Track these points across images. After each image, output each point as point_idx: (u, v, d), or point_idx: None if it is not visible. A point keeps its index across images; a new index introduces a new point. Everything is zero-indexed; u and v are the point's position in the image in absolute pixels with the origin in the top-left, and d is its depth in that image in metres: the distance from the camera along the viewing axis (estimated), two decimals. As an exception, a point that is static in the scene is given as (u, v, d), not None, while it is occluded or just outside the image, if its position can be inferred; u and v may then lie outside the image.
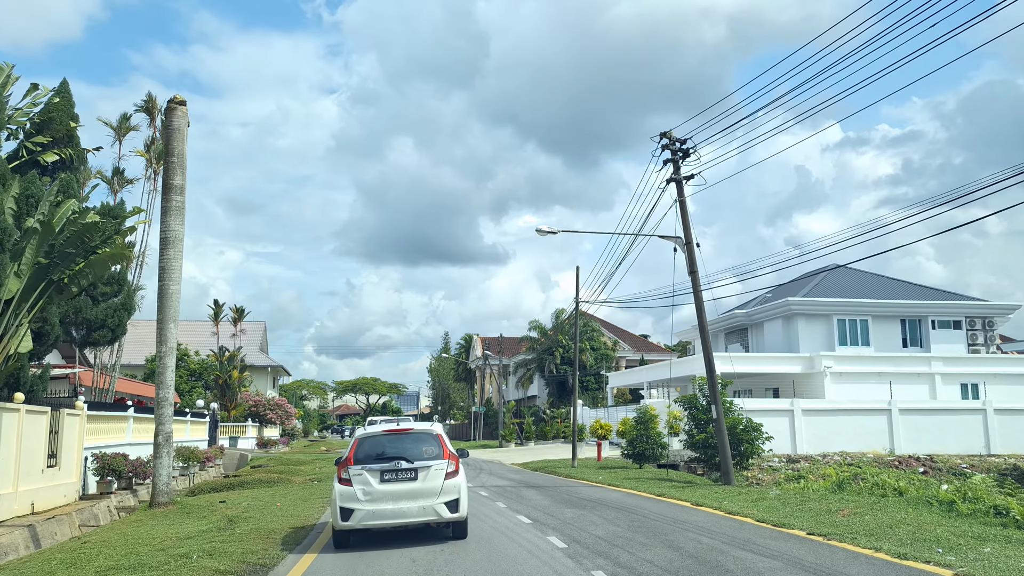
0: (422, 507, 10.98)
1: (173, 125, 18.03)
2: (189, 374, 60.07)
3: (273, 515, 15.55)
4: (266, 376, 68.06)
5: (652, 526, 12.11)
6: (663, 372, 41.36)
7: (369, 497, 10.91)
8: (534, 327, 66.40)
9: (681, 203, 19.53)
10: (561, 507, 15.16)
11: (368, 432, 11.99)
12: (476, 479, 23.52)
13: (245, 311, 56.99)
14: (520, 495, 17.94)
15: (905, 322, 41.23)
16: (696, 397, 22.20)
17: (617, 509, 14.48)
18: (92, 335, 23.21)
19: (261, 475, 26.03)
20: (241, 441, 51.97)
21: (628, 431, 31.21)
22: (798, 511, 13.11)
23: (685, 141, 19.43)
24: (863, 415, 33.01)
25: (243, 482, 24.07)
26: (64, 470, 18.01)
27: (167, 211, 17.69)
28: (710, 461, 21.31)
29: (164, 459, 17.37)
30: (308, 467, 31.50)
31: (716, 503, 14.71)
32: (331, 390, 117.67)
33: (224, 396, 54.06)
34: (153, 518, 16.38)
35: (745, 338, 44.53)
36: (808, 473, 28.71)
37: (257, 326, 72.68)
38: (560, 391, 63.55)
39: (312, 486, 23.08)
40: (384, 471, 11.04)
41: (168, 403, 17.52)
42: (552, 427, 51.79)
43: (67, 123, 23.23)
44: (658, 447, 26.07)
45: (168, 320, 17.58)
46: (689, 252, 19.57)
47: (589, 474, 23.70)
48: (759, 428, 21.21)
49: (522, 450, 42.40)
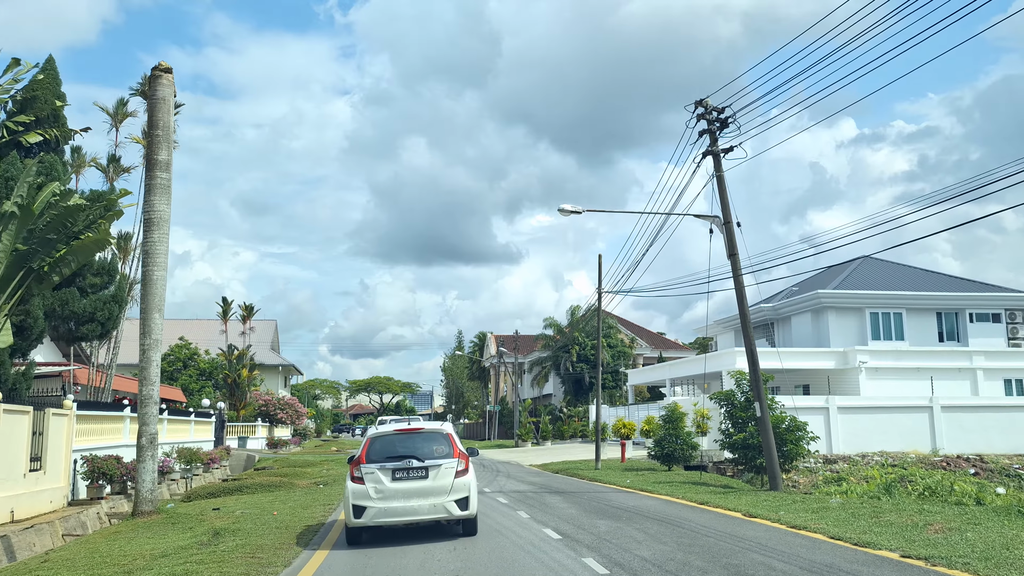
0: (433, 505, 11.04)
1: (158, 95, 16.14)
2: (199, 373, 58.45)
3: (266, 526, 13.62)
4: (277, 375, 66.37)
5: (706, 544, 10.06)
6: (686, 369, 39.24)
7: (381, 495, 10.98)
8: (549, 324, 64.37)
9: (719, 178, 17.46)
10: (593, 518, 13.13)
11: (380, 431, 12.09)
12: (493, 483, 21.51)
13: (255, 309, 55.26)
14: (544, 503, 15.91)
15: (941, 315, 38.87)
16: (733, 393, 20.11)
17: (659, 521, 12.43)
18: (80, 329, 21.40)
19: (264, 478, 24.15)
20: (251, 441, 50.24)
21: (654, 431, 29.13)
22: (876, 525, 11.01)
23: (723, 110, 17.37)
24: (903, 413, 30.79)
25: (243, 486, 22.18)
26: (50, 474, 16.40)
27: (151, 189, 15.81)
28: (750, 463, 19.22)
29: (148, 463, 15.49)
30: (315, 469, 29.60)
31: (771, 514, 12.63)
32: (344, 389, 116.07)
33: (233, 396, 52.32)
34: (134, 529, 14.50)
35: (770, 333, 42.29)
36: (848, 475, 26.53)
37: (268, 325, 71.02)
38: (576, 389, 61.52)
39: (315, 491, 21.16)
40: (396, 469, 11.11)
41: (152, 401, 15.64)
42: (569, 426, 49.73)
43: (52, 102, 21.43)
44: (688, 448, 24.00)
45: (152, 309, 15.69)
46: (728, 233, 17.49)
47: (615, 477, 21.66)
48: (804, 427, 19.10)
49: (539, 450, 40.35)
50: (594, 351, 63.13)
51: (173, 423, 30.75)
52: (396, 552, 10.57)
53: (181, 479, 27.50)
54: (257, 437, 51.23)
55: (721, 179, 17.38)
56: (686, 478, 21.68)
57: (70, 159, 29.11)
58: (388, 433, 12.00)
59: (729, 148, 17.37)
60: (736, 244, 17.44)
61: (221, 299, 54.06)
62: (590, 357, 61.88)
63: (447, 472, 11.18)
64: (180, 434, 31.91)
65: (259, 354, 64.14)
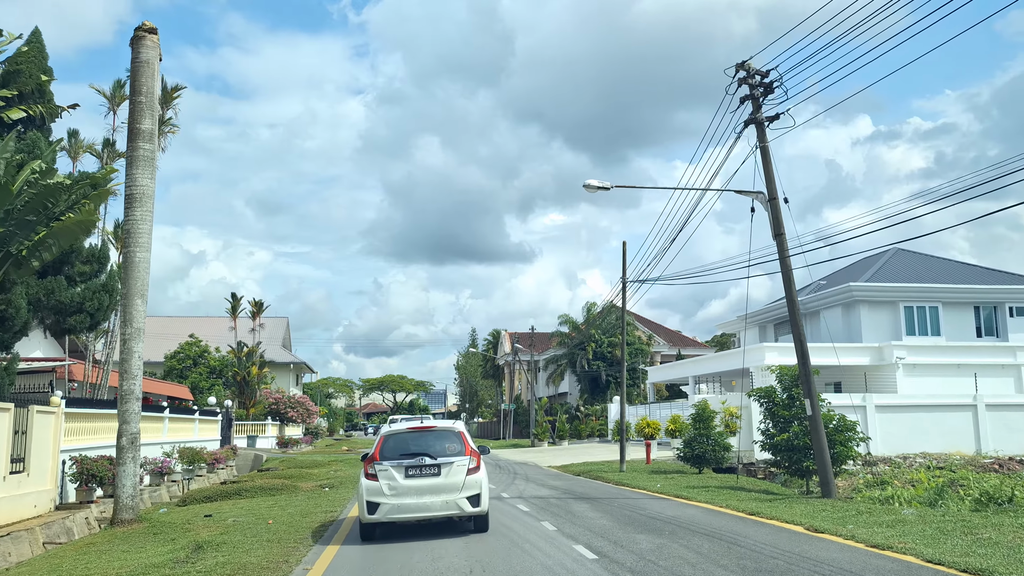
0: (445, 501, 11.07)
1: (141, 58, 14.44)
2: (209, 371, 57.00)
3: (256, 539, 11.86)
4: (289, 373, 64.83)
5: (776, 570, 8.18)
6: (711, 365, 37.26)
7: (394, 492, 11.03)
8: (564, 321, 62.52)
9: (763, 149, 15.54)
10: (630, 531, 11.27)
11: (393, 429, 12.11)
12: (511, 487, 19.68)
13: (264, 305, 53.61)
14: (570, 512, 14.05)
15: (979, 309, 36.67)
16: (774, 390, 18.17)
17: (708, 536, 10.55)
18: (68, 320, 19.71)
19: (266, 480, 22.44)
20: (260, 440, 48.71)
21: (680, 430, 27.22)
22: (977, 545, 9.09)
23: (767, 73, 15.44)
24: (945, 411, 28.71)
25: (242, 489, 20.47)
26: (34, 476, 14.95)
27: (133, 161, 14.10)
28: (795, 467, 17.26)
29: (129, 466, 13.78)
30: (322, 470, 27.89)
31: (838, 528, 10.72)
32: (358, 388, 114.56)
33: (243, 394, 50.82)
34: (109, 541, 12.78)
35: (798, 328, 40.21)
36: (891, 478, 24.50)
37: (279, 322, 69.52)
38: (593, 387, 59.66)
39: (320, 495, 19.41)
40: (409, 467, 11.14)
41: (134, 397, 13.93)
42: (586, 425, 47.81)
43: (38, 76, 19.74)
44: (720, 449, 22.08)
45: (134, 295, 13.97)
46: (774, 210, 15.57)
47: (643, 481, 19.78)
48: (853, 427, 17.14)
49: (557, 450, 38.46)
50: (611, 348, 61.38)
51: (176, 422, 29.18)
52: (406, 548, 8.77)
53: (184, 480, 26.00)
54: (267, 436, 49.67)
55: (765, 150, 15.46)
56: (721, 482, 19.76)
57: (68, 144, 27.59)
58: (401, 431, 11.99)
59: (775, 116, 15.45)
60: (782, 222, 15.52)
61: (231, 295, 52.50)
62: (607, 355, 59.98)
63: (459, 469, 11.17)
64: (183, 433, 30.33)
65: (270, 352, 62.63)
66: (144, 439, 25.04)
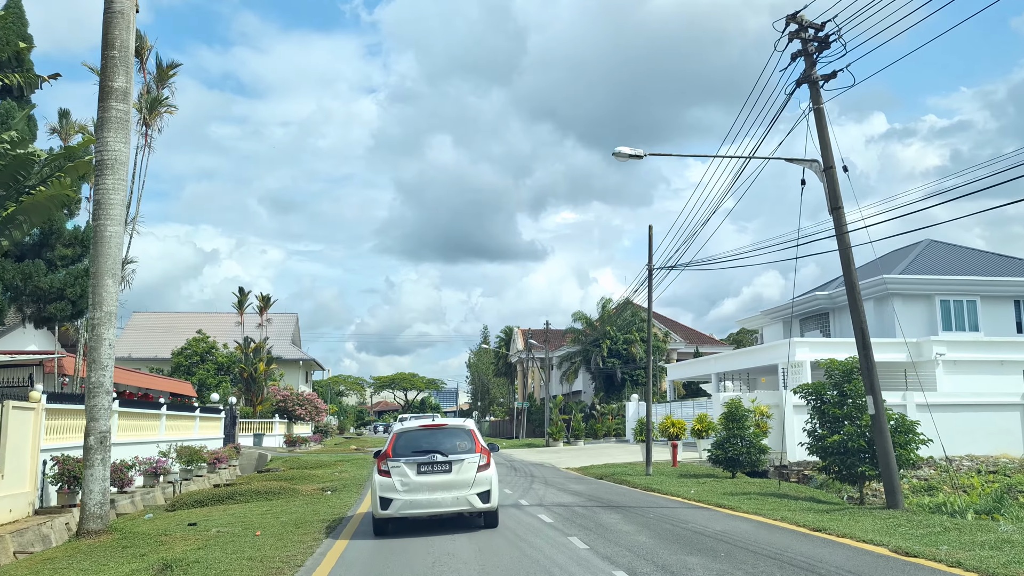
0: (456, 497, 11.17)
1: (114, 7, 12.64)
2: (217, 368, 55.43)
3: (237, 556, 10.03)
4: (298, 370, 63.22)
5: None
6: (737, 362, 35.22)
7: (407, 487, 11.11)
8: (578, 318, 60.56)
9: (817, 111, 13.57)
10: (677, 551, 9.34)
11: (406, 427, 12.28)
12: (529, 492, 17.77)
13: (271, 299, 51.90)
14: (600, 523, 12.12)
15: (1019, 303, 34.47)
16: (823, 386, 16.16)
17: (777, 561, 8.60)
18: (47, 308, 18.00)
19: (263, 483, 20.64)
20: (267, 439, 47.03)
21: (707, 430, 25.26)
22: None
23: (823, 26, 13.47)
24: (991, 411, 26.67)
25: (237, 493, 18.69)
26: (10, 478, 13.41)
27: (104, 123, 12.28)
28: (848, 472, 15.24)
29: (97, 469, 11.96)
30: (326, 471, 26.10)
31: (933, 551, 8.76)
32: (368, 386, 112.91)
33: (249, 391, 49.19)
34: (70, 556, 10.97)
35: (825, 323, 38.11)
36: (940, 483, 22.48)
37: (288, 318, 67.91)
38: (608, 385, 57.70)
39: (319, 500, 17.58)
40: (421, 463, 11.23)
41: (103, 391, 12.10)
42: (602, 424, 45.82)
43: (15, 43, 18.03)
44: (755, 451, 20.08)
45: (104, 274, 12.15)
46: (830, 180, 13.59)
47: (674, 486, 17.83)
48: (913, 428, 15.12)
49: (573, 451, 36.51)
50: (626, 345, 59.37)
51: (174, 419, 27.45)
52: None
53: (180, 481, 24.32)
54: (274, 434, 47.98)
55: (820, 112, 13.49)
56: (760, 488, 17.79)
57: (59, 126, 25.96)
58: (414, 429, 12.13)
59: (831, 74, 13.47)
60: (839, 194, 13.53)
61: (237, 289, 50.90)
62: (622, 352, 58.01)
63: (470, 466, 11.28)
64: (182, 431, 28.63)
65: (279, 348, 61.03)
66: (139, 437, 23.35)
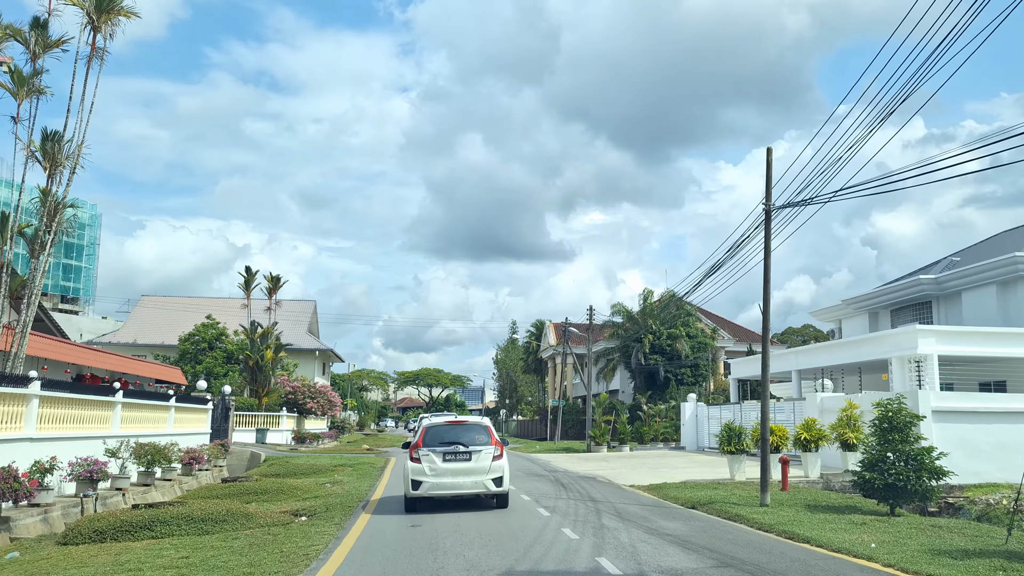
0: (475, 481, 13.22)
1: None
2: (226, 357, 49.38)
3: None
4: (314, 361, 56.96)
5: None
6: (830, 355, 27.98)
7: (434, 472, 13.16)
8: (618, 311, 53.60)
9: None
10: None
11: (433, 422, 14.18)
12: (602, 535, 10.93)
13: (281, 280, 45.64)
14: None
15: None
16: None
17: None
18: None
19: (211, 502, 14.04)
20: (272, 435, 40.68)
21: (819, 440, 18.30)
22: None
23: None
24: None
25: (159, 520, 12.13)
26: None
27: None
28: None
29: None
30: (317, 480, 19.60)
31: None
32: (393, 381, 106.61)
33: (255, 380, 42.88)
34: None
35: (926, 313, 30.83)
36: None
37: (306, 305, 61.77)
38: (649, 384, 50.71)
39: (279, 534, 10.98)
40: (446, 452, 13.27)
41: None
42: (650, 428, 38.78)
43: None
44: (928, 475, 13.06)
45: None
46: None
47: (825, 531, 11.03)
48: None
49: (623, 459, 29.53)
50: (671, 341, 52.11)
51: (135, 409, 21.22)
52: None
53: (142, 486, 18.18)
54: (281, 429, 41.61)
55: None
56: (966, 537, 10.88)
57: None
58: (440, 423, 14.04)
59: None
60: None
61: (244, 269, 44.61)
62: (666, 348, 50.94)
63: (487, 456, 13.29)
64: (148, 424, 22.37)
65: (294, 337, 54.81)
66: (78, 431, 17.03)
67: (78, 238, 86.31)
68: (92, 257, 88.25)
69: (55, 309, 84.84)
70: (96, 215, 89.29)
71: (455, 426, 13.91)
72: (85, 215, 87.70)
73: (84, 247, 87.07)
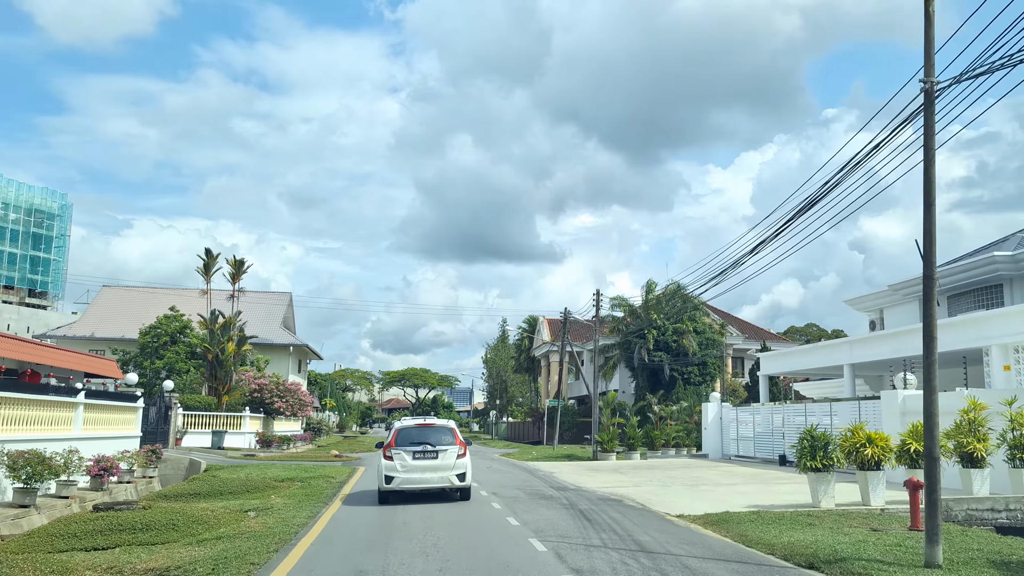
0: (441, 477, 14.51)
1: None
2: (189, 352, 43.36)
3: None
4: (287, 357, 51.13)
5: None
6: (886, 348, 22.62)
7: (405, 469, 14.43)
8: (619, 304, 48.24)
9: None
10: None
11: (404, 424, 15.53)
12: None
13: (245, 264, 39.81)
14: None
15: None
16: None
17: None
18: None
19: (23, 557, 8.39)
20: (232, 438, 34.84)
21: (952, 450, 12.89)
22: None
23: None
24: None
25: None
26: None
27: None
28: None
29: None
30: (240, 504, 13.90)
31: None
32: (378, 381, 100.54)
33: (214, 376, 37.05)
34: None
35: (995, 299, 25.56)
36: None
37: (280, 298, 55.97)
38: (654, 383, 45.37)
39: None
40: (415, 451, 14.54)
41: None
42: (662, 432, 33.27)
43: None
44: None
45: None
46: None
47: None
48: None
49: (640, 469, 23.92)
50: (676, 337, 46.76)
51: (19, 406, 15.62)
52: None
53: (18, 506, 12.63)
54: (243, 432, 35.80)
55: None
56: None
57: None
58: (410, 426, 15.37)
59: None
60: None
61: (204, 251, 38.74)
62: (671, 344, 45.56)
63: (451, 454, 14.57)
64: (36, 426, 16.66)
65: (266, 331, 49.05)
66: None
67: (46, 228, 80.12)
68: (62, 249, 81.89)
69: (22, 303, 78.50)
70: (67, 204, 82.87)
71: (424, 428, 15.20)
72: (54, 205, 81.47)
73: (53, 238, 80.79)
